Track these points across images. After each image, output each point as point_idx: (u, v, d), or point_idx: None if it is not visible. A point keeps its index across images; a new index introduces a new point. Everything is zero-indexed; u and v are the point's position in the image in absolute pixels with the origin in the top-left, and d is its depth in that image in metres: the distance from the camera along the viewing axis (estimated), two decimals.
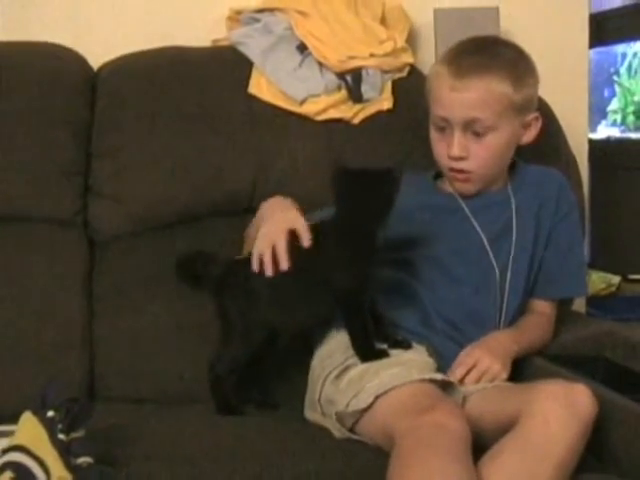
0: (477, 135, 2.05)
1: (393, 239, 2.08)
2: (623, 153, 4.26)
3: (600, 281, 3.79)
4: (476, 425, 1.75)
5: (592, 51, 4.46)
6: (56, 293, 2.18)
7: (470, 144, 2.06)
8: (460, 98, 2.04)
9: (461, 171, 2.09)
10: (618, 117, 4.43)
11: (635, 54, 4.34)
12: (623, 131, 4.40)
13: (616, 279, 3.77)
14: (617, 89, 4.44)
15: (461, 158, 2.07)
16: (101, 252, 2.27)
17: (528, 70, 2.11)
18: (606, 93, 4.49)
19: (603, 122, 4.49)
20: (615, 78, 4.44)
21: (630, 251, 4.06)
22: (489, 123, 2.04)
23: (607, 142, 4.41)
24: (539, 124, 2.13)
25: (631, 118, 4.35)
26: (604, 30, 4.37)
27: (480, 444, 1.72)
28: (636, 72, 4.35)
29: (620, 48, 4.41)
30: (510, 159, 2.15)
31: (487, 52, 2.09)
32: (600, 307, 3.53)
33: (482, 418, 1.82)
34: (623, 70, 4.40)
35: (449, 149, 2.07)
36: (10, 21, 2.43)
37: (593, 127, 4.51)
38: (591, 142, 4.39)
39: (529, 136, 2.13)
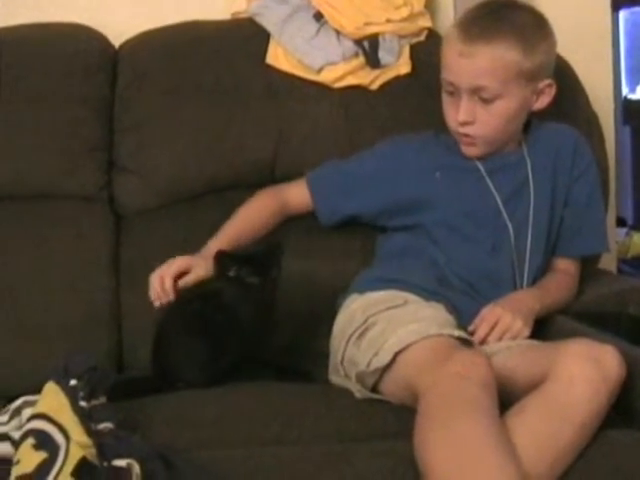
0: (485, 101, 2.03)
1: (407, 200, 2.13)
2: None
3: None
4: (503, 383, 1.70)
5: (629, 11, 4.45)
6: (83, 267, 2.22)
7: (477, 110, 2.05)
8: (467, 64, 2.02)
9: (467, 135, 2.09)
10: None
11: None
12: None
13: None
14: None
15: (467, 123, 2.06)
16: (126, 226, 2.31)
17: (541, 36, 2.06)
18: None
19: None
20: None
21: None
22: (496, 91, 2.02)
23: None
24: (553, 91, 2.09)
25: None
26: None
27: (508, 400, 1.70)
28: None
29: None
30: (520, 124, 2.13)
31: (498, 17, 2.05)
32: None
33: (508, 376, 1.77)
34: None
35: (456, 113, 2.07)
36: (30, 2, 2.46)
37: (632, 87, 4.48)
38: (630, 102, 4.38)
39: (541, 103, 2.09)
